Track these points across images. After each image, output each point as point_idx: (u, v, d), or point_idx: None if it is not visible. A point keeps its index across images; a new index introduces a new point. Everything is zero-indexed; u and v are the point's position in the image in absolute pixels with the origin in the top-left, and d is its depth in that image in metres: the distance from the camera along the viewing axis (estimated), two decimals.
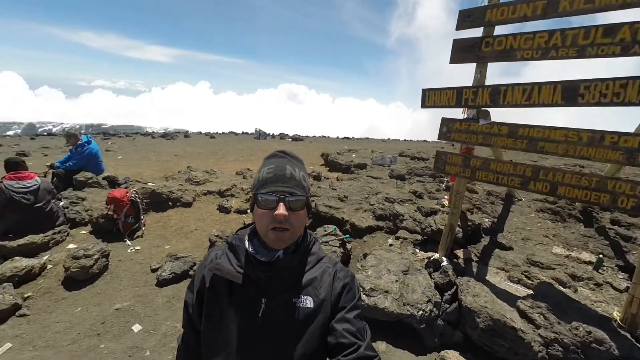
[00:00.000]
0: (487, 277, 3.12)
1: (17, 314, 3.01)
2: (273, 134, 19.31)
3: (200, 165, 8.54)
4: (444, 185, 5.67)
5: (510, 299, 2.72)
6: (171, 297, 3.38)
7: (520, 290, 2.92)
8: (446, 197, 4.81)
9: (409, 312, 2.71)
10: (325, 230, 4.14)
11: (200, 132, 20.34)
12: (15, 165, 4.09)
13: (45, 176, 5.42)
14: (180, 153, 11.43)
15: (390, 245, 3.88)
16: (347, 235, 4.08)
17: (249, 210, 0.88)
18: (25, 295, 3.24)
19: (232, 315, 0.92)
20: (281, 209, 0.88)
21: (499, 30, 2.91)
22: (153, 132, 21.61)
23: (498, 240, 3.73)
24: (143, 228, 4.71)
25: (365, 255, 3.52)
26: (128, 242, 4.39)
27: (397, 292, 2.86)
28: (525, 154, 7.67)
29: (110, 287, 3.51)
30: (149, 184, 5.77)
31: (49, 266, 3.66)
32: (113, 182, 6.11)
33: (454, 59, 3.15)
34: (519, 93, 2.68)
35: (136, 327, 2.95)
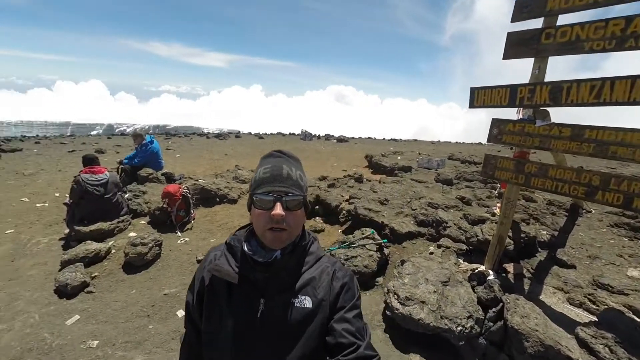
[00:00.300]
0: (540, 297, 2.78)
1: (85, 290, 3.46)
2: (318, 135, 19.51)
3: (248, 165, 8.96)
4: (495, 192, 5.20)
5: (567, 324, 2.40)
6: None
7: (582, 316, 2.55)
8: (498, 205, 4.41)
9: (446, 327, 2.53)
10: (362, 234, 4.07)
11: (250, 133, 21.36)
12: (90, 161, 4.71)
13: (118, 172, 6.16)
14: (231, 152, 12.13)
15: (431, 253, 3.67)
16: (385, 240, 3.96)
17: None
18: (93, 275, 3.70)
19: (231, 316, 0.93)
20: (278, 209, 0.88)
21: (562, 20, 2.58)
22: (208, 132, 23.28)
23: (557, 256, 3.30)
24: (192, 221, 5.09)
25: (402, 262, 3.38)
26: (179, 233, 4.77)
27: (435, 303, 2.70)
28: (602, 160, 6.71)
29: (161, 273, 3.85)
30: (199, 180, 6.21)
31: (113, 251, 4.14)
32: (169, 178, 6.70)
33: (509, 54, 2.86)
34: (585, 90, 2.33)
35: (180, 313, 3.19)
